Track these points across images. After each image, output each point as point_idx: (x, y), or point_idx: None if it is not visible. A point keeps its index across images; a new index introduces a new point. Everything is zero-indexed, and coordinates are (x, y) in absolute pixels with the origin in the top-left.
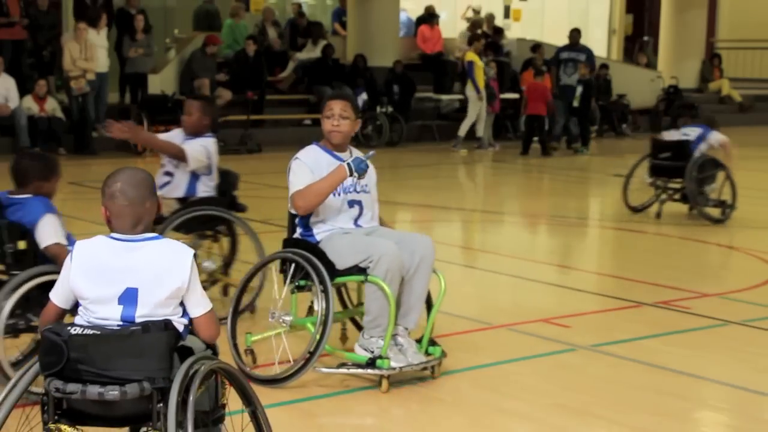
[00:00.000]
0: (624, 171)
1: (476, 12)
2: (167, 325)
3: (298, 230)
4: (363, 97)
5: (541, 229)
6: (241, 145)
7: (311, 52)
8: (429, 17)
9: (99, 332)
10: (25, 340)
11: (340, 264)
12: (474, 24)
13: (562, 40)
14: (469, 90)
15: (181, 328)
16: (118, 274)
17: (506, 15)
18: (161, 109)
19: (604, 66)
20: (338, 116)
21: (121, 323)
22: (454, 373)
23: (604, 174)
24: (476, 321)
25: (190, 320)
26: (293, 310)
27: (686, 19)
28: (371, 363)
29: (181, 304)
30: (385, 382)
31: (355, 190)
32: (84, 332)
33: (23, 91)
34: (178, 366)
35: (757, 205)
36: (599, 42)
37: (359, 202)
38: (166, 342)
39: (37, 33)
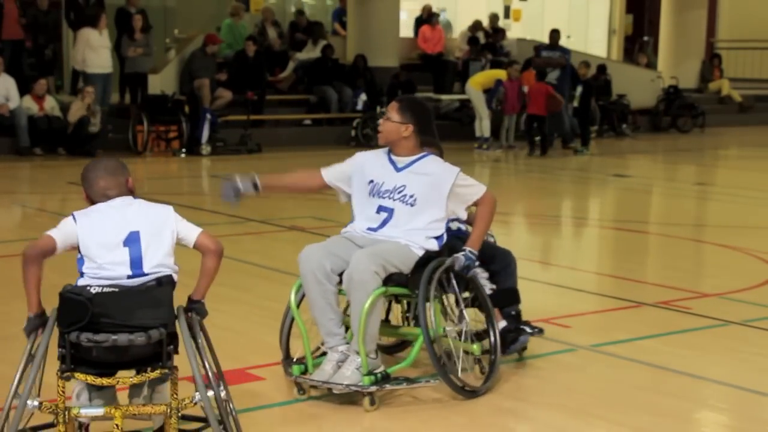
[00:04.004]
0: (624, 171)
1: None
2: (171, 279)
3: None
4: (363, 97)
5: (541, 229)
6: (241, 145)
7: (311, 52)
8: (429, 17)
9: (118, 289)
10: None
11: None
12: (475, 26)
13: (562, 41)
14: (473, 91)
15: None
16: (121, 222)
17: (506, 15)
18: (161, 109)
19: (604, 66)
20: (384, 117)
21: (131, 270)
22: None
23: (604, 174)
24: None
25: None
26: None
27: (686, 19)
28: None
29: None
30: (295, 390)
31: (390, 197)
32: (104, 290)
33: (22, 91)
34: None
35: (757, 205)
36: (599, 42)
37: (390, 210)
38: (171, 293)
39: (38, 33)
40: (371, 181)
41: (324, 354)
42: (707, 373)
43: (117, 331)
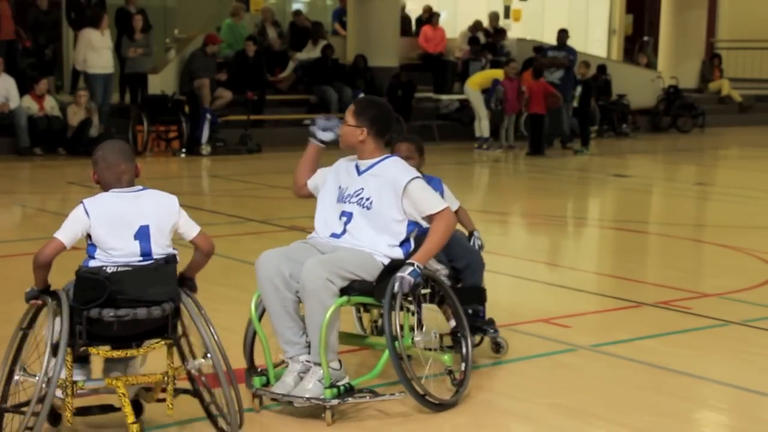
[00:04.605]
0: (624, 171)
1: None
2: (175, 257)
3: None
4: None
5: (542, 229)
6: (241, 145)
7: (311, 52)
8: (430, 17)
9: (131, 268)
10: None
11: None
12: (475, 26)
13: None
14: (471, 91)
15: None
16: (132, 216)
17: (506, 15)
18: (161, 109)
19: (604, 66)
20: (343, 121)
21: (141, 257)
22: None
23: (604, 174)
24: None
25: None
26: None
27: (686, 19)
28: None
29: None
30: (255, 401)
31: (349, 201)
32: (119, 269)
33: (19, 91)
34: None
35: (757, 205)
36: (599, 42)
37: (349, 214)
38: (176, 271)
39: (38, 33)
40: (340, 187)
41: (282, 363)
42: (707, 373)
43: (135, 306)
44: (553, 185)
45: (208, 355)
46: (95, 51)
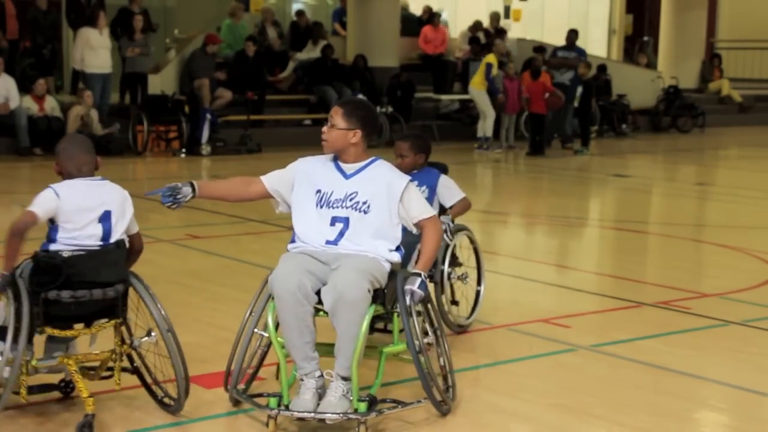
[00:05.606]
0: (624, 171)
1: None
2: (125, 242)
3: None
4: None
5: (541, 229)
6: (241, 145)
7: (311, 52)
8: (431, 18)
9: (85, 252)
10: None
11: None
12: (475, 26)
13: (562, 41)
14: (475, 91)
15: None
16: (97, 201)
17: (506, 15)
18: (161, 109)
19: (604, 66)
20: (329, 123)
21: (101, 242)
22: (454, 374)
23: (604, 174)
24: (476, 321)
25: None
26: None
27: (686, 19)
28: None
29: None
30: (271, 423)
31: (342, 206)
32: (74, 253)
33: (20, 91)
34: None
35: (757, 205)
36: (599, 42)
37: (345, 220)
38: (125, 255)
39: (37, 33)
40: (318, 191)
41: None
42: (707, 373)
43: (91, 288)
44: (553, 185)
45: (152, 333)
46: (93, 50)
